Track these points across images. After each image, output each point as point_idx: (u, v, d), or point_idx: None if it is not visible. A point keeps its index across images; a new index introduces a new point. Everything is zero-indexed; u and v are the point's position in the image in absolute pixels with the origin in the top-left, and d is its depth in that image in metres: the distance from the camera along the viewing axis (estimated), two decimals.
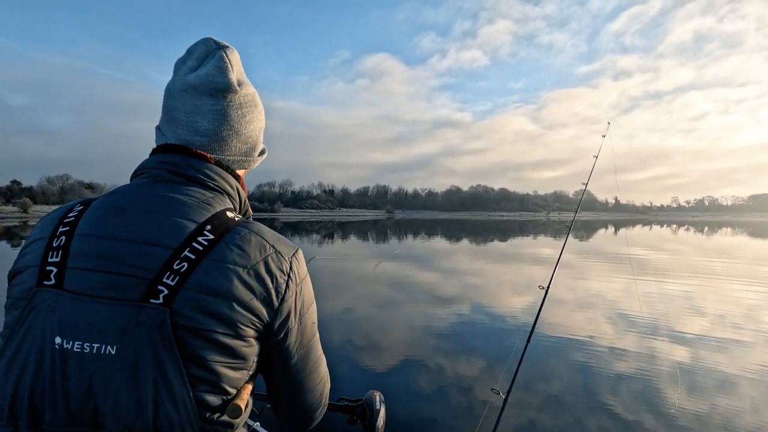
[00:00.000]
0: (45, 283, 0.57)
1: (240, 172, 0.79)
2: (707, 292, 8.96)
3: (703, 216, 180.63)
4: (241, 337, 0.60)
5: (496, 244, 23.08)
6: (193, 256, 0.59)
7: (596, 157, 2.92)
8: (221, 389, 0.59)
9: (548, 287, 2.48)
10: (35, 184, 79.64)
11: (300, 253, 0.72)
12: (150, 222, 0.61)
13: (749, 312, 7.07)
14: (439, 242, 24.35)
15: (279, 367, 0.70)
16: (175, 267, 0.58)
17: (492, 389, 2.10)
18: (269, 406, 0.78)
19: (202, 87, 0.70)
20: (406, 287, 9.47)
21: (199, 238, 0.61)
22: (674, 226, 58.79)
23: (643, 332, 5.86)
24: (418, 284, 9.85)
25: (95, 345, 0.54)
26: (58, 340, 0.54)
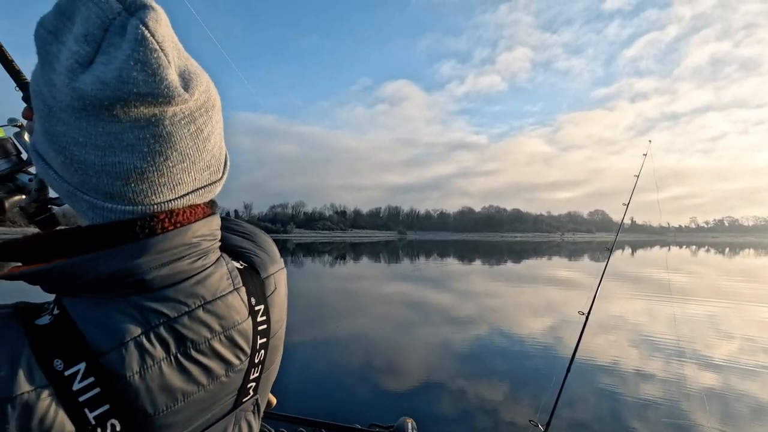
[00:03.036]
0: None
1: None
2: (740, 315, 8.67)
3: (724, 237, 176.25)
4: None
5: (513, 266, 22.77)
6: None
7: (637, 177, 2.85)
8: None
9: (588, 313, 2.37)
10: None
11: None
12: (225, 342, 0.57)
13: None
14: (455, 264, 24.15)
15: None
16: (251, 379, 0.60)
17: (530, 421, 2.01)
18: None
19: (115, 103, 0.39)
20: (431, 311, 9.34)
21: None
22: (693, 247, 57.44)
23: (681, 358, 5.66)
24: (443, 308, 9.71)
25: None
26: None
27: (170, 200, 0.46)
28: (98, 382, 0.42)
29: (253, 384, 0.58)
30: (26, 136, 0.68)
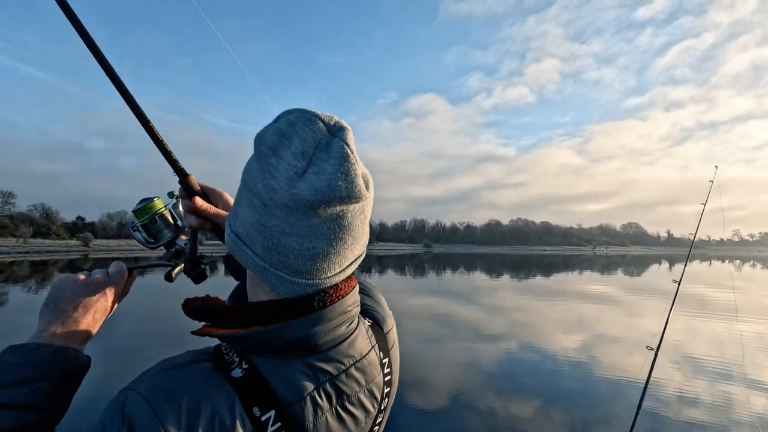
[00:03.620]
0: None
1: None
2: None
3: None
4: None
5: (545, 281, 22.16)
6: None
7: (704, 205, 2.74)
8: None
9: (658, 348, 2.26)
10: (96, 219, 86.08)
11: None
12: (367, 394, 0.67)
13: None
14: (483, 279, 23.71)
15: None
16: (378, 422, 0.69)
17: None
18: None
19: (321, 204, 0.50)
20: (462, 327, 9.18)
21: None
22: (737, 261, 54.37)
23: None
24: (473, 323, 9.54)
25: None
26: None
27: (337, 274, 0.57)
28: (284, 427, 0.52)
29: (378, 428, 0.68)
30: (180, 207, 0.83)
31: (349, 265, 0.58)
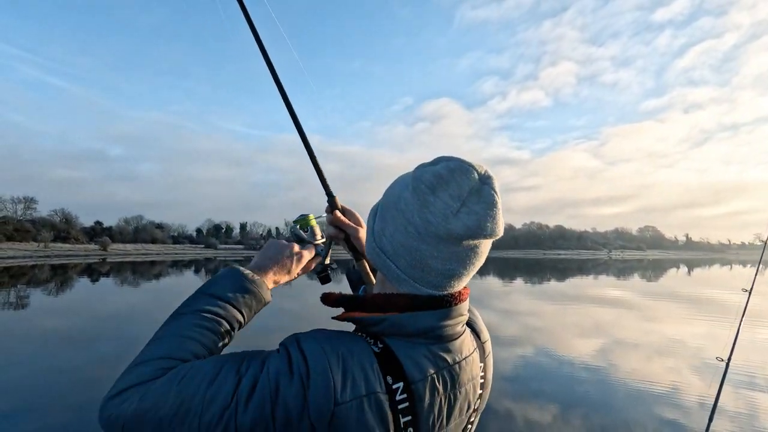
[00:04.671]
0: None
1: None
2: None
3: None
4: None
5: (561, 285, 21.83)
6: None
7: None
8: None
9: (729, 359, 2.17)
10: (114, 224, 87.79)
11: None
12: (470, 390, 0.73)
13: None
14: (495, 282, 23.48)
15: None
16: (471, 421, 0.76)
17: None
18: None
19: (468, 237, 0.63)
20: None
21: None
22: (761, 266, 52.63)
23: None
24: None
25: None
26: None
27: (460, 288, 0.70)
28: (408, 398, 0.62)
29: (470, 426, 0.77)
30: (324, 225, 1.04)
31: (466, 280, 0.70)
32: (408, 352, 0.65)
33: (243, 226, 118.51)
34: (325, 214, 1.02)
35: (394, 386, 0.61)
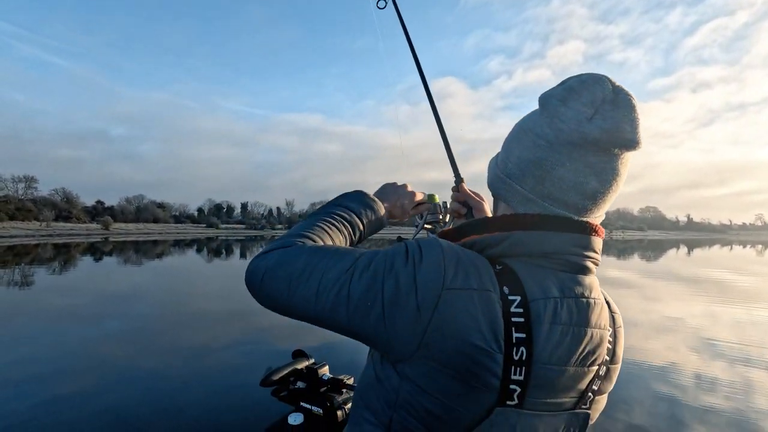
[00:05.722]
0: (508, 403, 0.57)
1: None
2: None
3: None
4: None
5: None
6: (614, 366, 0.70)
7: None
8: None
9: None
10: (116, 203, 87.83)
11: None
12: (596, 338, 0.63)
13: None
14: None
15: None
16: (593, 387, 0.65)
17: None
18: None
19: (605, 143, 0.58)
20: None
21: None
22: (759, 246, 52.94)
23: None
24: None
25: None
26: None
27: (596, 217, 0.64)
28: (524, 315, 0.56)
29: (591, 395, 0.65)
30: (449, 203, 1.09)
31: (601, 214, 0.65)
32: (530, 271, 0.59)
33: (244, 206, 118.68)
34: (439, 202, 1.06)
35: (511, 297, 0.57)
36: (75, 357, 5.40)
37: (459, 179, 1.10)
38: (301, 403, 1.72)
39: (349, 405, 1.77)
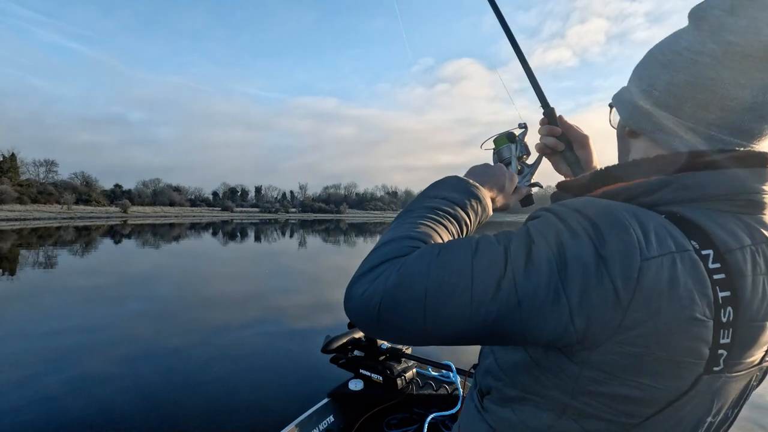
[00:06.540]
0: (714, 369, 0.50)
1: None
2: None
3: None
4: None
5: None
6: None
7: None
8: None
9: None
10: (133, 187, 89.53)
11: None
12: None
13: None
14: None
15: None
16: None
17: None
18: None
19: None
20: None
21: None
22: None
23: None
24: None
25: (728, 414, 0.56)
26: (709, 419, 0.53)
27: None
28: (723, 269, 0.47)
29: None
30: (525, 137, 0.91)
31: None
32: (710, 217, 0.49)
33: (258, 190, 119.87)
34: (520, 131, 0.91)
35: (703, 252, 0.47)
36: (137, 333, 5.46)
37: (550, 111, 0.90)
38: (361, 370, 1.80)
39: (409, 374, 1.82)
